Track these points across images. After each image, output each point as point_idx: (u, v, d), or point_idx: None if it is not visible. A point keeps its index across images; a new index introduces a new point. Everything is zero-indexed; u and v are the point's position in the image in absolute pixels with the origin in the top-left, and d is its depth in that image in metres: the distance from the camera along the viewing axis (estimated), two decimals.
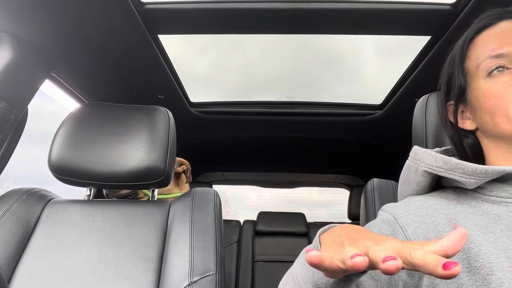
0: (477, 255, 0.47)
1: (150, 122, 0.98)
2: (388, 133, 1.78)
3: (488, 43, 0.58)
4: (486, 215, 0.51)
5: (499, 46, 0.56)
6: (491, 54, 0.56)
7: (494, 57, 0.56)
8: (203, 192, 0.99)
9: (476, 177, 0.52)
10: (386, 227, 0.55)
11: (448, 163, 0.54)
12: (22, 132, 1.09)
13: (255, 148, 2.14)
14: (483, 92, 0.57)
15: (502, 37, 0.57)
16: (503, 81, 0.54)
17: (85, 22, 0.95)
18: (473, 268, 0.46)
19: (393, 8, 0.98)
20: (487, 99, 0.56)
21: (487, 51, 0.57)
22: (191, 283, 0.80)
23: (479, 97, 0.57)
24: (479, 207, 0.53)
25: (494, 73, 0.55)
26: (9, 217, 0.89)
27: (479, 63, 0.57)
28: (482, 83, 0.57)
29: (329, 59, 1.50)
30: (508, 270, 0.44)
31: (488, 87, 0.56)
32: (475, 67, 0.58)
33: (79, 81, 1.25)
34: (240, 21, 1.04)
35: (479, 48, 0.59)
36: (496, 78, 0.55)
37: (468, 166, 0.52)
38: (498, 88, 0.55)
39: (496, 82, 0.55)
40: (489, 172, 0.51)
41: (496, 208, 0.52)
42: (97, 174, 0.93)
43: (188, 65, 1.44)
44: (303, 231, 2.22)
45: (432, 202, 0.56)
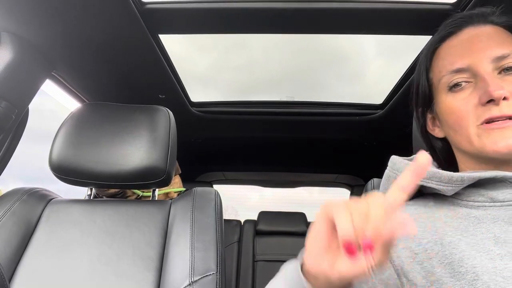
0: (460, 260, 0.47)
1: (150, 121, 0.98)
2: (389, 133, 1.78)
3: (448, 56, 0.57)
4: (466, 218, 0.52)
5: (459, 59, 0.55)
6: (451, 68, 0.56)
7: (454, 72, 0.55)
8: (203, 192, 0.99)
9: (453, 184, 0.53)
10: None
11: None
12: (23, 132, 1.09)
13: (256, 148, 2.14)
14: (445, 108, 0.57)
15: (462, 49, 0.56)
16: (462, 97, 0.54)
17: (86, 22, 0.95)
18: (457, 274, 0.46)
19: (394, 8, 0.98)
20: (449, 116, 0.56)
21: (448, 65, 0.57)
22: (192, 283, 0.80)
23: (443, 112, 0.58)
24: (459, 212, 0.53)
25: (455, 88, 0.55)
26: (10, 216, 0.89)
27: (441, 77, 0.57)
28: (444, 98, 0.57)
29: (330, 58, 1.50)
30: (493, 272, 0.45)
31: (449, 103, 0.56)
32: (438, 80, 0.58)
33: (79, 81, 1.25)
34: (242, 20, 1.04)
35: (440, 61, 0.59)
36: (457, 93, 0.55)
37: (444, 174, 0.53)
38: (458, 105, 0.54)
39: (456, 99, 0.55)
40: (465, 179, 0.52)
41: (475, 211, 0.52)
42: (98, 174, 0.93)
43: (189, 64, 1.44)
44: (303, 230, 2.22)
45: (412, 211, 0.56)
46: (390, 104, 1.55)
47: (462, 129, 0.54)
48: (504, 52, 0.53)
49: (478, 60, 0.54)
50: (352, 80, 1.67)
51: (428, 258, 0.49)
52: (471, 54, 0.54)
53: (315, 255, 0.37)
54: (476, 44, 0.55)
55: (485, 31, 0.56)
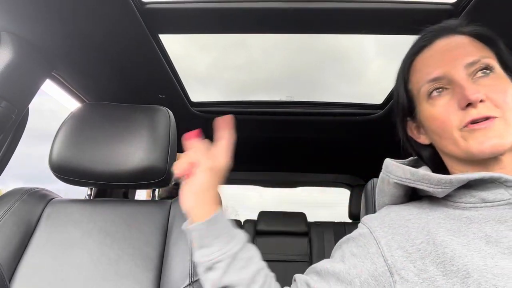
0: (452, 259, 0.48)
1: (150, 121, 0.98)
2: (389, 133, 1.77)
3: (424, 67, 0.61)
4: (458, 219, 0.53)
5: (434, 69, 0.58)
6: (428, 78, 0.58)
7: (431, 81, 0.58)
8: None
9: (442, 186, 0.54)
10: (362, 240, 0.58)
11: (415, 174, 0.58)
12: (23, 132, 1.09)
13: (256, 148, 2.14)
14: (427, 115, 0.59)
15: (435, 60, 0.59)
16: (442, 103, 0.57)
17: (86, 22, 0.95)
18: (449, 272, 0.48)
19: (394, 8, 0.98)
20: (432, 122, 0.59)
21: (424, 75, 0.59)
22: (192, 283, 0.80)
23: (425, 119, 0.60)
24: (451, 213, 0.55)
25: (434, 95, 0.58)
26: (10, 216, 0.89)
27: (420, 87, 0.60)
28: (425, 106, 0.60)
29: (330, 58, 1.50)
30: (484, 269, 0.46)
31: (431, 111, 0.58)
32: (417, 90, 0.61)
33: (79, 80, 1.25)
34: (242, 20, 1.04)
35: (417, 72, 0.62)
36: (436, 100, 0.58)
37: (433, 176, 0.55)
38: (440, 111, 0.57)
39: (436, 105, 0.58)
40: (454, 181, 0.54)
41: (467, 212, 0.54)
42: (98, 174, 0.93)
43: (189, 64, 1.44)
44: (303, 230, 2.22)
45: (406, 212, 0.59)
46: (390, 104, 1.55)
47: (446, 133, 0.56)
48: (474, 59, 0.56)
49: (452, 67, 0.57)
50: (352, 79, 1.67)
51: (421, 258, 0.51)
52: (445, 63, 0.58)
53: (186, 201, 0.61)
54: (448, 54, 0.59)
55: (454, 41, 0.60)
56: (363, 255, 0.56)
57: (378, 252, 0.54)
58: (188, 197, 0.60)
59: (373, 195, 0.95)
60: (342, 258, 0.58)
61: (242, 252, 0.58)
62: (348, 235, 0.62)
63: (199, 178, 0.60)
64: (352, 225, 2.25)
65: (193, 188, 0.60)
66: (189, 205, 0.60)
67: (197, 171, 0.60)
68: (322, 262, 0.62)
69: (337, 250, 0.62)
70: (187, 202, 0.60)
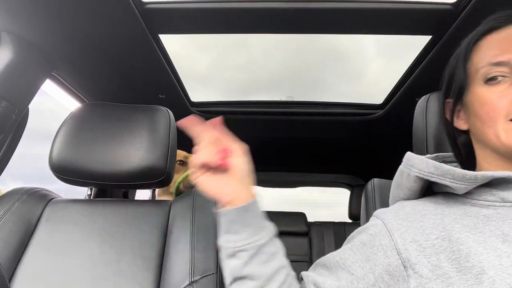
0: (467, 255, 0.47)
1: (150, 121, 0.98)
2: (389, 133, 1.78)
3: (490, 49, 0.57)
4: (475, 216, 0.52)
5: (501, 53, 0.55)
6: (492, 60, 0.56)
7: (494, 64, 0.55)
8: (203, 192, 0.99)
9: (466, 182, 0.53)
10: (374, 229, 0.57)
11: (439, 168, 0.56)
12: (23, 132, 1.09)
13: (256, 148, 2.13)
14: (478, 98, 0.57)
15: (505, 43, 0.56)
16: (499, 90, 0.55)
17: (86, 22, 0.95)
18: (464, 268, 0.47)
19: (394, 8, 0.98)
20: (481, 107, 0.56)
21: (488, 57, 0.57)
22: (192, 283, 0.80)
23: (474, 102, 0.58)
24: (468, 210, 0.54)
25: (492, 81, 0.56)
26: (10, 216, 0.89)
27: (479, 68, 0.57)
28: (479, 89, 0.57)
29: (330, 57, 1.50)
30: (499, 268, 0.45)
31: (484, 94, 0.56)
32: (475, 70, 0.58)
33: (79, 80, 1.25)
34: (242, 20, 1.04)
35: (481, 52, 0.59)
36: (493, 86, 0.55)
37: (458, 171, 0.54)
38: (493, 97, 0.55)
39: (492, 91, 0.55)
40: (479, 178, 0.53)
41: (485, 210, 0.53)
42: (98, 174, 0.93)
43: (189, 64, 1.44)
44: (303, 230, 2.22)
45: (421, 207, 0.58)
46: (390, 104, 1.55)
47: (491, 121, 0.54)
48: None
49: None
50: (352, 79, 1.67)
51: (436, 253, 0.50)
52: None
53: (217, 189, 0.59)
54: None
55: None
56: (374, 245, 0.55)
57: (391, 244, 0.53)
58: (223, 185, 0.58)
59: (373, 195, 0.95)
60: (351, 247, 0.57)
61: (268, 246, 0.57)
62: (359, 228, 0.61)
63: (239, 163, 0.59)
64: (352, 225, 2.25)
65: (232, 175, 0.58)
66: (223, 192, 0.58)
67: (234, 156, 0.59)
68: (330, 255, 0.60)
69: (347, 243, 0.61)
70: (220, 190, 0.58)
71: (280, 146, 2.11)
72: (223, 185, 0.58)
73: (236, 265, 0.56)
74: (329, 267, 0.58)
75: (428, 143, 0.78)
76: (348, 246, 0.58)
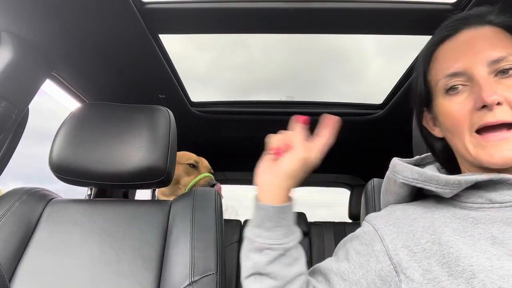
0: (457, 259, 0.47)
1: (150, 121, 0.98)
2: (389, 133, 1.78)
3: (444, 59, 0.57)
4: (464, 219, 0.52)
5: (454, 63, 0.55)
6: (447, 72, 0.55)
7: (450, 76, 0.55)
8: (203, 192, 0.99)
9: (450, 187, 0.53)
10: (366, 237, 0.58)
11: (423, 175, 0.56)
12: (23, 132, 1.09)
13: (256, 148, 2.13)
14: (442, 110, 0.57)
15: (457, 53, 0.56)
16: (459, 101, 0.54)
17: (86, 22, 0.95)
18: (454, 272, 0.47)
19: (394, 8, 0.98)
20: (446, 119, 0.56)
21: (444, 68, 0.56)
22: (192, 283, 0.80)
23: (440, 114, 0.58)
24: (458, 213, 0.54)
25: (451, 92, 0.55)
26: (10, 216, 0.89)
27: (438, 80, 0.57)
28: (442, 101, 0.57)
29: (330, 57, 1.50)
30: (490, 271, 0.45)
31: (446, 106, 0.56)
32: (435, 83, 0.58)
33: (79, 80, 1.25)
34: (242, 20, 1.04)
35: (437, 64, 0.59)
36: (453, 97, 0.55)
37: (442, 177, 0.54)
38: (454, 109, 0.54)
39: (452, 102, 0.55)
40: (462, 182, 0.53)
41: (474, 213, 0.53)
42: (98, 174, 0.93)
43: (189, 64, 1.44)
44: (303, 230, 2.22)
45: (411, 211, 0.58)
46: (390, 104, 1.55)
47: (458, 133, 0.55)
48: (500, 55, 0.52)
49: (474, 63, 0.53)
50: (352, 79, 1.67)
51: (427, 258, 0.50)
52: (466, 58, 0.54)
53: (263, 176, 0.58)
54: (472, 47, 0.55)
55: (481, 33, 0.56)
56: (368, 253, 0.55)
57: (383, 250, 0.54)
58: (269, 175, 0.57)
59: (373, 195, 0.95)
60: (346, 256, 0.58)
61: (294, 251, 0.57)
62: (352, 234, 0.62)
63: (289, 163, 0.57)
64: (352, 225, 2.25)
65: (279, 170, 0.57)
66: (266, 183, 0.57)
67: (290, 154, 0.57)
68: (326, 262, 0.61)
69: (341, 248, 0.61)
70: (265, 179, 0.58)
71: None
72: (268, 174, 0.58)
73: (260, 261, 0.55)
74: (326, 275, 0.58)
75: None
76: (343, 255, 0.59)
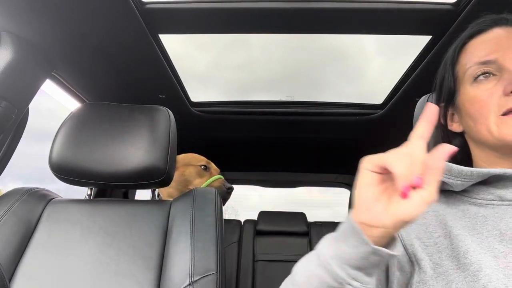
0: (466, 252, 0.48)
1: (150, 121, 0.98)
2: (389, 133, 1.78)
3: (477, 50, 0.59)
4: (474, 217, 0.53)
5: (487, 53, 0.57)
6: (479, 60, 0.57)
7: (481, 63, 0.57)
8: (203, 192, 0.99)
9: (462, 178, 0.54)
10: None
11: None
12: (23, 132, 1.09)
13: (256, 148, 2.14)
14: (468, 97, 0.58)
15: (491, 44, 0.58)
16: (487, 87, 0.56)
17: (86, 22, 0.95)
18: (462, 265, 0.48)
19: (394, 8, 0.98)
20: (471, 105, 0.57)
21: (476, 57, 0.58)
22: (192, 283, 0.80)
23: (465, 102, 0.59)
24: (467, 210, 0.54)
25: (480, 79, 0.57)
26: (10, 216, 0.89)
27: (467, 69, 0.59)
28: (468, 89, 0.58)
29: (331, 56, 1.50)
30: (496, 268, 0.46)
31: (473, 93, 0.57)
32: (463, 72, 0.60)
33: (79, 80, 1.25)
34: (242, 20, 1.04)
35: (468, 54, 0.60)
36: (481, 84, 0.56)
37: (454, 167, 0.54)
38: (482, 94, 0.56)
39: (480, 88, 0.56)
40: (475, 174, 0.53)
41: (483, 210, 0.53)
42: (98, 174, 0.93)
43: (189, 63, 1.44)
44: (303, 230, 2.22)
45: None
46: (390, 104, 1.55)
47: (482, 117, 0.55)
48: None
49: (506, 55, 0.56)
50: (352, 79, 1.67)
51: (438, 252, 0.51)
52: (499, 50, 0.56)
53: (368, 205, 0.41)
54: (504, 42, 0.57)
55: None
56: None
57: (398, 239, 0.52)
58: (381, 213, 0.40)
59: None
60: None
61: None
62: None
63: (416, 208, 0.38)
64: None
65: (399, 214, 0.39)
66: (374, 218, 0.41)
67: (420, 196, 0.38)
68: None
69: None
70: (374, 213, 0.40)
71: (280, 146, 2.11)
72: (381, 210, 0.40)
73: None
74: None
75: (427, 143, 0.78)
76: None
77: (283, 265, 2.04)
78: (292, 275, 0.49)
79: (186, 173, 1.48)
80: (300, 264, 0.49)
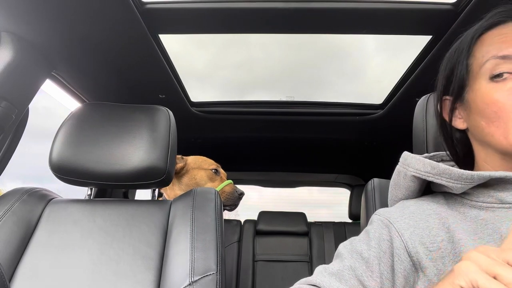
0: None
1: (150, 121, 0.98)
2: (389, 133, 1.78)
3: (495, 42, 0.54)
4: (474, 220, 0.52)
5: (507, 46, 0.52)
6: (498, 54, 0.52)
7: (500, 57, 0.52)
8: (203, 192, 0.99)
9: (462, 182, 0.52)
10: (385, 233, 0.55)
11: (436, 168, 0.55)
12: (23, 132, 1.09)
13: (256, 148, 2.14)
14: (484, 96, 0.53)
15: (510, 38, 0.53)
16: (506, 88, 0.51)
17: (86, 22, 0.95)
18: None
19: (394, 8, 0.98)
20: (487, 105, 0.53)
21: (494, 50, 0.53)
22: (192, 283, 0.80)
23: (478, 100, 0.54)
24: (467, 213, 0.53)
25: (497, 79, 0.52)
26: (10, 216, 0.89)
27: (484, 62, 0.54)
28: (484, 86, 0.53)
29: (331, 55, 1.49)
30: None
31: (490, 92, 0.52)
32: (478, 66, 0.55)
33: (79, 80, 1.25)
34: (242, 20, 1.04)
35: (485, 46, 0.55)
36: (499, 84, 0.52)
37: (455, 171, 0.53)
38: (501, 96, 0.51)
39: (499, 88, 0.51)
40: (475, 178, 0.52)
41: (484, 213, 0.52)
42: (98, 174, 0.93)
43: (189, 63, 1.44)
44: (303, 230, 2.22)
45: (425, 207, 0.57)
46: (390, 104, 1.55)
47: (500, 121, 0.51)
48: None
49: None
50: (352, 79, 1.67)
51: (441, 257, 0.50)
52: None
53: None
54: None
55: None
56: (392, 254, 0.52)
57: (402, 246, 0.52)
58: None
59: (373, 195, 0.95)
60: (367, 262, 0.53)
61: None
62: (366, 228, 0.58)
63: None
64: (352, 225, 2.25)
65: None
66: None
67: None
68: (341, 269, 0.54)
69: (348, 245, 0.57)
70: None
71: (280, 146, 2.11)
72: None
73: None
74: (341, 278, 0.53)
75: (428, 143, 0.78)
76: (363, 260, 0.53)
77: (283, 265, 2.04)
78: None
79: (198, 177, 1.46)
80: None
